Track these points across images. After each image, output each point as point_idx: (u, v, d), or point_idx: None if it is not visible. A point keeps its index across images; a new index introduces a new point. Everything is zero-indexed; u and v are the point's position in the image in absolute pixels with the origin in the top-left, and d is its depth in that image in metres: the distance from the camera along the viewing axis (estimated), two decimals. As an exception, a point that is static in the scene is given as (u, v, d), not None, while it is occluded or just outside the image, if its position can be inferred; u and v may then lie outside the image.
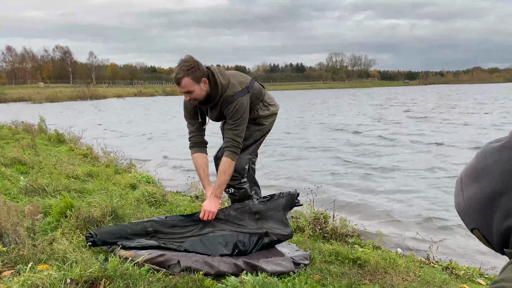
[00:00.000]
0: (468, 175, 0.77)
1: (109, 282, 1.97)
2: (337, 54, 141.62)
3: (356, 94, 58.72)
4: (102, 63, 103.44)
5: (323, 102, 37.37)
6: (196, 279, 2.18)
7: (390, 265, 2.87)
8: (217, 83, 2.74)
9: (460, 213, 0.79)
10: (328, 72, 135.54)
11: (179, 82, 2.63)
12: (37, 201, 3.51)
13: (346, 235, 3.71)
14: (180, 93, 2.76)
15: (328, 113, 23.84)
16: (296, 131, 15.14)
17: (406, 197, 6.18)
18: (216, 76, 2.75)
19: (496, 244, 0.73)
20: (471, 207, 0.75)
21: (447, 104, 29.66)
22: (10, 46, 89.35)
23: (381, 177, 7.52)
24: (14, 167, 5.16)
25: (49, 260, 2.20)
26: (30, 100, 42.64)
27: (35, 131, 10.44)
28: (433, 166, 8.34)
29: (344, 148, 11.03)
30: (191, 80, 2.63)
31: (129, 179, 5.19)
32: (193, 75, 2.63)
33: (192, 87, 2.66)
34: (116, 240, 2.54)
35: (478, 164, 0.74)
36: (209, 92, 2.75)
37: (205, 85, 2.71)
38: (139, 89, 65.35)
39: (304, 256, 2.74)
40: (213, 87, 2.75)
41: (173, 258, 2.37)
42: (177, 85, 2.67)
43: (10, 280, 1.90)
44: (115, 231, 2.59)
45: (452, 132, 13.63)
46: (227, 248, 2.60)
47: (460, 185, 0.79)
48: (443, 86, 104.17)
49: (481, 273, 3.28)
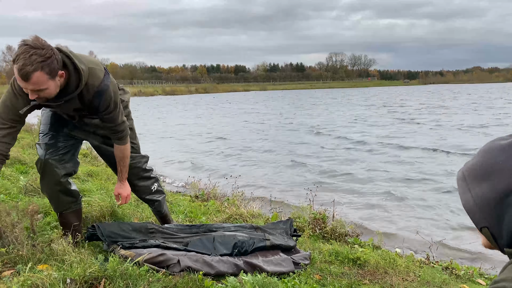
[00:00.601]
0: (474, 173, 0.75)
1: (109, 282, 1.97)
2: (337, 54, 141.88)
3: (352, 94, 58.74)
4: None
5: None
6: (196, 279, 2.18)
7: (390, 265, 2.87)
8: (78, 71, 2.09)
9: (470, 211, 0.77)
10: (328, 71, 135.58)
11: (28, 78, 1.90)
12: (37, 201, 3.51)
13: (345, 235, 3.72)
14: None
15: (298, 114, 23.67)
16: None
17: (406, 196, 6.18)
18: (75, 62, 2.07)
19: (504, 243, 0.72)
20: (482, 205, 0.74)
21: (434, 104, 29.29)
22: (10, 46, 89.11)
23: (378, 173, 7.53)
24: (14, 167, 5.15)
25: (49, 260, 2.19)
26: (30, 99, 42.62)
27: (35, 130, 10.43)
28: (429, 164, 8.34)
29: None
30: (46, 75, 1.93)
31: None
32: (49, 67, 1.92)
33: (45, 84, 1.96)
34: (117, 237, 2.55)
35: (486, 162, 0.73)
36: (63, 85, 2.09)
37: (60, 79, 2.04)
38: (139, 88, 65.33)
39: (304, 256, 2.74)
40: (72, 77, 2.09)
41: (173, 258, 2.37)
42: (23, 81, 1.93)
43: (10, 280, 1.90)
44: (117, 227, 2.62)
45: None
46: (226, 247, 2.60)
47: (464, 183, 0.78)
48: (443, 85, 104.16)
49: (481, 273, 3.28)
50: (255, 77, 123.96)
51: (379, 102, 34.45)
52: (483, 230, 0.76)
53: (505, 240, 0.72)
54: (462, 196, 0.79)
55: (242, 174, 7.12)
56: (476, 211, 0.75)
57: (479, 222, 0.76)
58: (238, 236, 2.68)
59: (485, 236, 0.76)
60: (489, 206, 0.72)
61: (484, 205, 0.73)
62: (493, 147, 0.73)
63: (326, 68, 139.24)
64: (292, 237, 2.96)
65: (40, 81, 1.93)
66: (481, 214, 0.74)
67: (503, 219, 0.70)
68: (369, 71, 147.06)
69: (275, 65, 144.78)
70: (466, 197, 0.77)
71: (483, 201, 0.73)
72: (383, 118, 19.66)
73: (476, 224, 0.77)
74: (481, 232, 0.77)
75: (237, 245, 2.61)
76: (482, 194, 0.73)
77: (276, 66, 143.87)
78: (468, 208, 0.78)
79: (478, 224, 0.76)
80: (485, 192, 0.73)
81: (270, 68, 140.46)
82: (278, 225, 3.08)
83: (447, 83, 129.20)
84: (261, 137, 13.59)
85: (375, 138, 12.70)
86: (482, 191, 0.73)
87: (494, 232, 0.74)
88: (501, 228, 0.71)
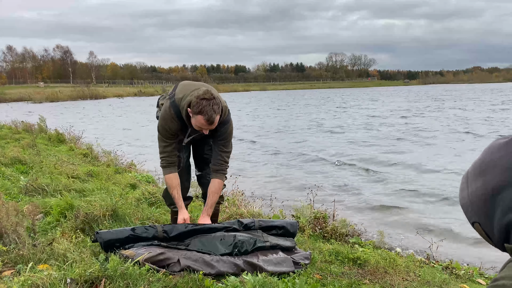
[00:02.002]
0: (474, 170, 0.77)
1: (109, 282, 1.97)
2: (337, 54, 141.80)
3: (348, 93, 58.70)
4: (102, 63, 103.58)
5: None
6: (196, 279, 2.18)
7: (390, 265, 2.87)
8: (222, 110, 2.67)
9: (463, 207, 0.79)
10: (328, 71, 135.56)
11: (213, 122, 2.54)
12: (37, 201, 3.51)
13: (346, 235, 3.72)
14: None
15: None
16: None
17: (406, 197, 6.18)
18: (220, 103, 2.65)
19: (497, 240, 0.73)
20: (474, 201, 0.75)
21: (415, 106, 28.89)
22: (10, 46, 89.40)
23: (383, 174, 7.53)
24: (14, 167, 5.16)
25: (49, 260, 2.20)
26: (30, 100, 42.63)
27: (35, 130, 10.44)
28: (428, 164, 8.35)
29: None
30: (218, 117, 2.58)
31: (129, 178, 5.19)
32: (220, 112, 2.59)
33: (217, 122, 2.61)
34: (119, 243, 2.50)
35: (484, 159, 0.75)
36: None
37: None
38: (139, 88, 65.32)
39: (304, 255, 2.74)
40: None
41: (173, 257, 2.37)
42: (208, 125, 2.54)
43: (10, 280, 1.90)
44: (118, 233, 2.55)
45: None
46: (226, 246, 2.60)
47: (465, 179, 0.79)
48: (442, 85, 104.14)
49: (481, 273, 3.28)
50: (255, 77, 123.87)
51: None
52: (475, 226, 0.77)
53: (497, 237, 0.72)
54: (460, 192, 0.80)
55: (242, 174, 7.12)
56: (468, 206, 0.77)
57: (471, 217, 0.77)
58: (238, 236, 2.68)
59: (477, 231, 0.77)
60: (480, 202, 0.73)
61: (476, 200, 0.75)
62: (493, 145, 0.74)
63: (326, 68, 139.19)
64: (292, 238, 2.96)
65: (216, 122, 2.58)
66: (473, 210, 0.76)
67: (494, 216, 0.71)
68: (369, 71, 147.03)
69: (275, 65, 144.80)
70: (463, 194, 0.79)
71: (476, 197, 0.74)
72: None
73: (468, 219, 0.79)
74: (473, 227, 0.78)
75: (237, 245, 2.61)
76: (475, 189, 0.75)
77: (276, 66, 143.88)
78: (463, 203, 0.79)
79: (470, 219, 0.78)
80: (478, 188, 0.74)
81: (270, 68, 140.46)
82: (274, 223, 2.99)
83: (447, 83, 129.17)
84: (260, 136, 13.60)
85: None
86: (476, 187, 0.74)
87: (485, 228, 0.75)
88: (492, 225, 0.72)
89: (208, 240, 2.63)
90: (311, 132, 14.95)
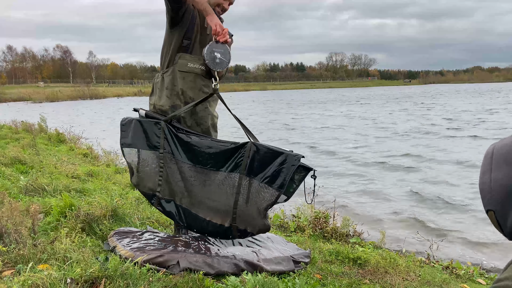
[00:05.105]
0: (502, 155, 0.71)
1: (110, 282, 1.97)
2: (337, 54, 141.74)
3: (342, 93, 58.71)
4: (102, 63, 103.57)
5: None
6: (197, 279, 2.18)
7: (390, 265, 2.87)
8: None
9: (482, 192, 0.74)
10: (328, 71, 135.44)
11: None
12: (37, 201, 3.51)
13: (346, 235, 3.72)
14: None
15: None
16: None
17: (405, 197, 6.18)
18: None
19: (509, 232, 0.70)
20: (496, 189, 0.70)
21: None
22: (10, 46, 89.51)
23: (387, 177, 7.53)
24: (14, 167, 5.15)
25: (50, 260, 2.19)
26: (30, 99, 42.61)
27: (35, 130, 10.43)
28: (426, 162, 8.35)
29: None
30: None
31: (129, 178, 5.18)
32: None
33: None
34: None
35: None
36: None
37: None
38: (139, 88, 65.29)
39: (304, 254, 2.73)
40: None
41: (173, 259, 2.36)
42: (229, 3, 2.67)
43: (11, 280, 1.89)
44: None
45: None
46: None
47: (489, 161, 0.73)
48: (442, 85, 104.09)
49: (481, 273, 3.28)
50: (255, 77, 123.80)
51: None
52: (489, 213, 0.73)
53: (509, 229, 0.70)
54: (481, 174, 0.75)
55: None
56: (487, 193, 0.72)
57: (487, 204, 0.73)
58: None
59: (490, 219, 0.74)
60: (502, 193, 0.69)
61: (497, 189, 0.70)
62: None
63: (326, 68, 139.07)
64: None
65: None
66: (492, 198, 0.72)
67: (511, 210, 0.68)
68: (369, 71, 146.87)
69: (275, 65, 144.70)
70: (484, 178, 0.74)
71: (499, 186, 0.70)
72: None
73: (484, 205, 0.74)
74: (487, 214, 0.74)
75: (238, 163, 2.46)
76: (501, 178, 0.70)
77: (276, 66, 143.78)
78: (482, 188, 0.74)
79: (486, 206, 0.74)
80: (504, 178, 0.69)
81: (270, 68, 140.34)
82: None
83: (447, 82, 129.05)
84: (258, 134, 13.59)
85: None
86: (502, 176, 0.70)
87: (500, 218, 0.71)
88: (506, 218, 0.69)
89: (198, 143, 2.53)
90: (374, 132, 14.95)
